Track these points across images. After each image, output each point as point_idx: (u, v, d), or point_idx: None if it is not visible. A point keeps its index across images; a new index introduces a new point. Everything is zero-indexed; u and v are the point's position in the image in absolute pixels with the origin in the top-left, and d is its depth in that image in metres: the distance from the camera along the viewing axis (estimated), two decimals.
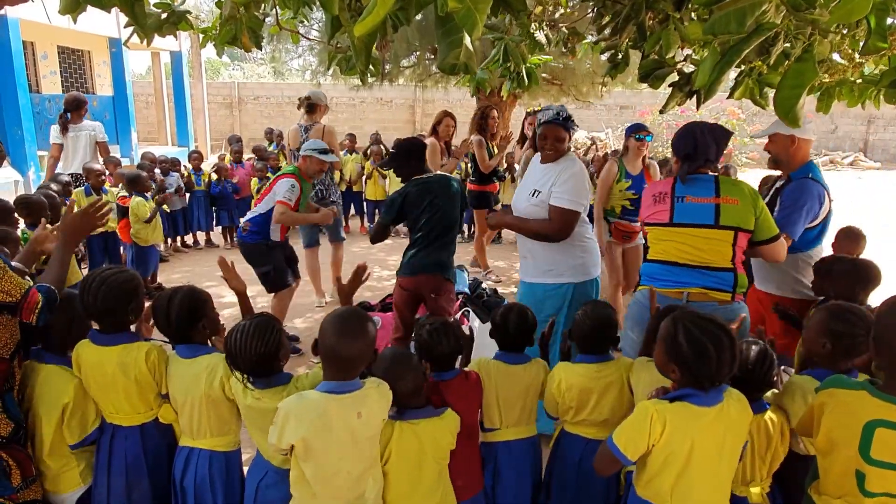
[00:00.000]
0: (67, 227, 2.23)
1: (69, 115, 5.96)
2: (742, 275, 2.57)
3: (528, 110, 5.89)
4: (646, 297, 2.59)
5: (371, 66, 4.56)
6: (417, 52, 10.38)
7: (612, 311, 2.32)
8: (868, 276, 2.67)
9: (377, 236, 3.59)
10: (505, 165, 8.58)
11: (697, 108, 3.94)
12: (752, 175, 8.22)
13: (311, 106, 5.30)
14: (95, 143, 6.15)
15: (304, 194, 4.39)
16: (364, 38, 2.12)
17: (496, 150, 6.34)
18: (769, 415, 2.01)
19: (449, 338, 2.22)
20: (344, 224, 8.62)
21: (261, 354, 1.94)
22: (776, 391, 2.09)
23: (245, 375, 1.98)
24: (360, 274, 2.47)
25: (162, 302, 2.17)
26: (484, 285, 5.15)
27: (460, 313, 4.43)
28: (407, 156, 3.70)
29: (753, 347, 2.03)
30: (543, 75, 10.28)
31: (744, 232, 2.57)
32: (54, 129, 6.01)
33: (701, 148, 2.66)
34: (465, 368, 2.37)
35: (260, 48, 4.56)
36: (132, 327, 2.26)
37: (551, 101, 12.26)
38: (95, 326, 2.21)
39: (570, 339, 2.35)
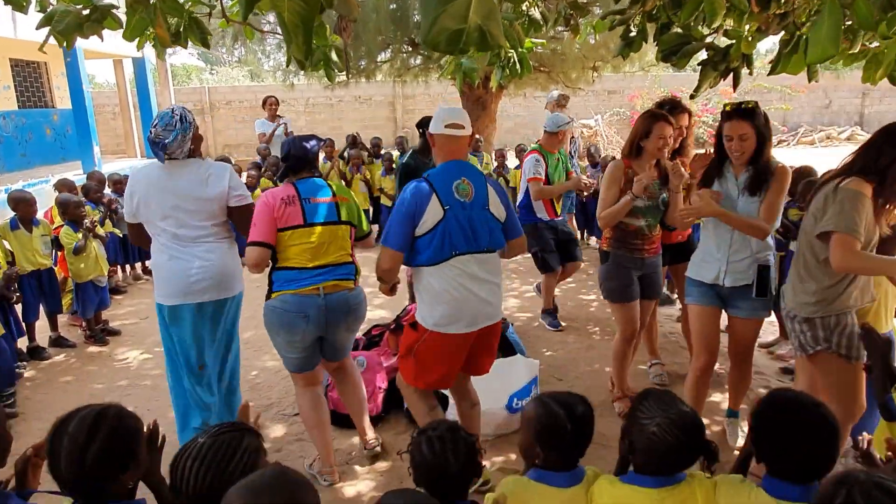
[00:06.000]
0: None
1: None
2: (357, 264, 2.98)
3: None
4: (286, 302, 2.75)
5: (336, 59, 3.85)
6: (394, 46, 9.66)
7: (698, 416, 1.63)
8: None
9: None
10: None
11: (734, 88, 3.26)
12: None
13: None
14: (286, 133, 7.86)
15: (550, 166, 4.71)
16: (297, 16, 1.42)
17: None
18: None
19: (457, 454, 1.54)
20: None
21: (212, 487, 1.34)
22: None
23: None
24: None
25: (72, 440, 1.42)
26: None
27: None
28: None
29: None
30: (531, 62, 9.63)
31: (354, 227, 2.95)
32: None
33: (295, 152, 2.85)
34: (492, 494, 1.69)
35: (207, 46, 3.83)
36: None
37: (539, 90, 11.55)
38: None
39: (627, 451, 1.63)
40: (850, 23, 3.01)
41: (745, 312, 2.96)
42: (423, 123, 4.23)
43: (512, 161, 8.17)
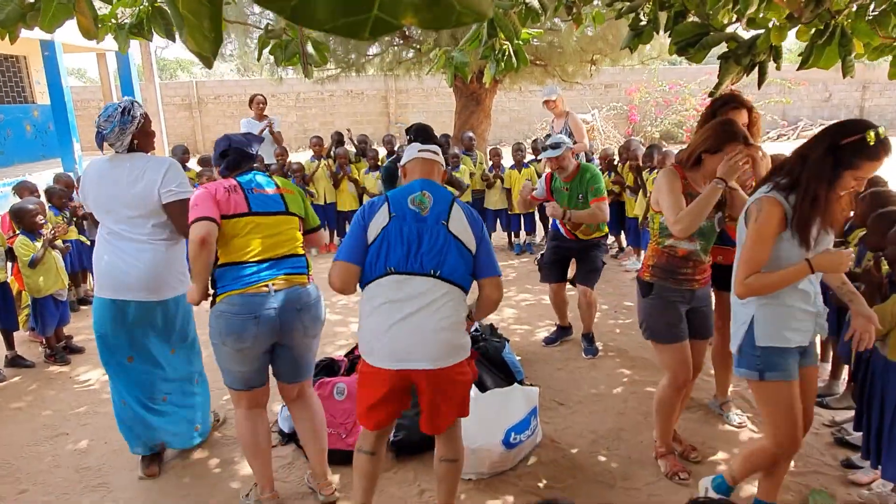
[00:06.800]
0: None
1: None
2: (309, 259, 2.77)
3: None
4: (232, 304, 2.53)
5: (312, 52, 3.53)
6: (384, 39, 9.27)
7: None
8: None
9: None
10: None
11: (759, 84, 2.88)
12: None
13: None
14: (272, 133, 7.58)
15: (556, 192, 4.31)
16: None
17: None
18: None
19: None
20: (328, 242, 7.51)
21: None
22: None
23: None
24: None
25: None
26: (476, 326, 4.07)
27: None
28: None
29: None
30: (527, 55, 9.19)
31: (301, 220, 2.80)
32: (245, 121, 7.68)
33: (237, 146, 2.76)
34: None
35: (173, 38, 3.54)
36: None
37: (534, 83, 11.14)
38: None
39: None
40: (876, 13, 2.67)
41: (813, 358, 2.46)
42: (412, 130, 3.99)
43: (508, 160, 7.76)
